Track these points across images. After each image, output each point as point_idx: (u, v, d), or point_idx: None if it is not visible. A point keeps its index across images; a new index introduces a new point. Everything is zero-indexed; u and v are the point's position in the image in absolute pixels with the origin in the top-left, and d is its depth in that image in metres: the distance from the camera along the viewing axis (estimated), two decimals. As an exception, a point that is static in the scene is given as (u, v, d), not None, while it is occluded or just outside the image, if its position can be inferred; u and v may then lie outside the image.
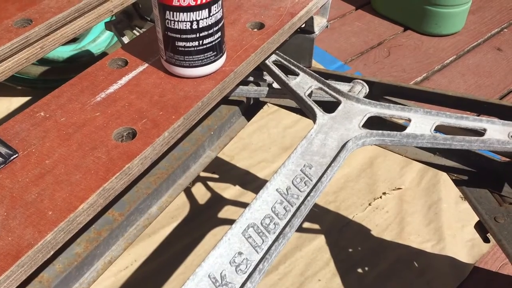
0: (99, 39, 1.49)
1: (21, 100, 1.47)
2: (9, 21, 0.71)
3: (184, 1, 0.56)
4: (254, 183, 1.30)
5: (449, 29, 1.77)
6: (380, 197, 1.28)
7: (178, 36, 0.59)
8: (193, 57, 0.61)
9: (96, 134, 0.55)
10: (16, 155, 0.52)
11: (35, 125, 0.57)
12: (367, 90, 0.82)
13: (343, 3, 1.94)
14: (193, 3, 0.56)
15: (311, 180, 0.62)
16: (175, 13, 0.57)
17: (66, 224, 0.47)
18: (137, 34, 1.01)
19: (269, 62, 0.79)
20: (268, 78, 0.90)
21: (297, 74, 0.79)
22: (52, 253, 0.47)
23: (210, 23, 0.59)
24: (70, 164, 0.52)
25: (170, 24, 0.58)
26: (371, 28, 1.84)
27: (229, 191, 1.28)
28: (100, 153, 0.53)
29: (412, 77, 1.61)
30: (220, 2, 0.59)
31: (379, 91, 0.85)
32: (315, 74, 0.78)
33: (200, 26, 0.58)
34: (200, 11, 0.57)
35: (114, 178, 0.51)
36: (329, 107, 0.73)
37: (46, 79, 1.41)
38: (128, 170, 0.52)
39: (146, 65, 0.66)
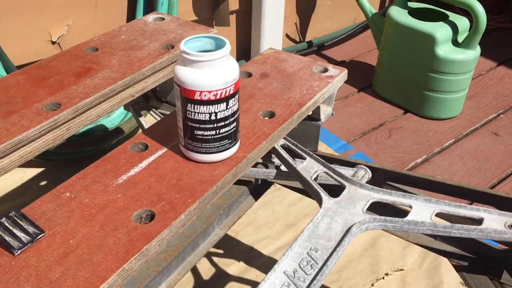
0: (113, 115, 1.55)
1: (35, 171, 1.51)
2: (39, 104, 0.77)
3: (204, 96, 0.62)
4: (258, 260, 1.31)
5: (447, 114, 1.85)
6: (383, 277, 1.29)
7: (198, 125, 0.64)
8: (210, 144, 0.66)
9: (117, 215, 0.59)
10: (43, 234, 0.56)
11: (61, 205, 0.61)
12: (370, 175, 0.87)
13: (346, 85, 2.04)
14: (212, 98, 0.62)
15: (317, 264, 0.64)
16: (196, 105, 0.63)
17: (87, 303, 0.49)
18: (154, 114, 1.07)
19: (277, 146, 0.84)
20: (276, 160, 0.95)
21: (304, 158, 0.84)
22: (71, 331, 0.49)
23: (227, 115, 0.64)
24: (93, 244, 0.55)
25: (191, 115, 0.64)
26: (373, 110, 1.92)
27: (233, 267, 1.29)
28: (120, 234, 0.57)
29: (413, 159, 1.67)
30: (237, 97, 0.65)
31: (381, 177, 0.90)
32: (321, 159, 0.83)
33: (218, 117, 0.64)
34: (219, 104, 0.63)
35: (133, 259, 0.54)
36: (334, 189, 0.77)
37: (61, 152, 1.46)
38: (146, 252, 0.55)
39: (165, 149, 0.71)
